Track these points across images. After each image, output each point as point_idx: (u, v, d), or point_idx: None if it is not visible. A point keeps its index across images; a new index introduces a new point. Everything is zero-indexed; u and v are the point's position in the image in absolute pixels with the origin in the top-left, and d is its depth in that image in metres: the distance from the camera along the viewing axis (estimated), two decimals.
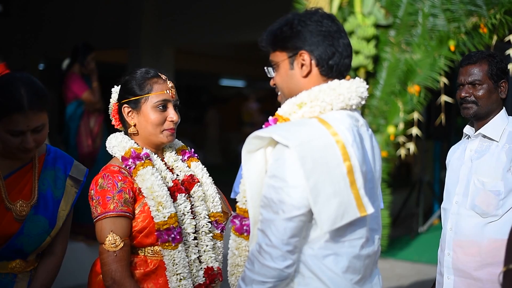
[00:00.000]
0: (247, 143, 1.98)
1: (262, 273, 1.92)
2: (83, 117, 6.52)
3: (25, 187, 2.48)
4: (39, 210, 2.47)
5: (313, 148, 1.88)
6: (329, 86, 2.01)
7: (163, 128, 2.48)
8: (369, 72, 6.58)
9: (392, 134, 6.51)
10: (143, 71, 2.51)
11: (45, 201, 2.49)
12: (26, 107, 2.30)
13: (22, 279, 2.49)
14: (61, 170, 2.57)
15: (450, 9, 6.22)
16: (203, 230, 2.51)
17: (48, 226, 2.49)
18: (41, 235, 2.47)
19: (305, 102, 2.01)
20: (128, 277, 2.34)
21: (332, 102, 1.99)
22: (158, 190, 2.37)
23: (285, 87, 2.09)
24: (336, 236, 1.95)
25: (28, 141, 2.34)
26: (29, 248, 2.47)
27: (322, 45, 2.02)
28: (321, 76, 2.05)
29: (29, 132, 2.33)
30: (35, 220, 2.46)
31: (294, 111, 2.02)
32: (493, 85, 2.90)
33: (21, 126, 2.31)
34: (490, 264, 2.80)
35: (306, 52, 2.03)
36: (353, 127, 1.99)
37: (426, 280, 6.35)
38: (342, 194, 1.89)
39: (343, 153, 1.90)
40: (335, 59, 2.03)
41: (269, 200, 1.91)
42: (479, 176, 2.87)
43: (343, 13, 6.58)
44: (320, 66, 2.04)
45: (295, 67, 2.05)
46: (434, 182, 9.68)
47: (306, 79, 2.05)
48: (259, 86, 18.64)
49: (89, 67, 6.55)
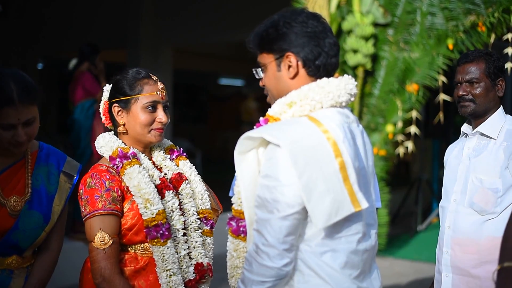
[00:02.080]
0: (239, 144, 2.00)
1: (261, 273, 1.93)
2: (95, 115, 6.57)
3: (19, 183, 2.51)
4: (33, 205, 2.50)
5: (304, 146, 1.90)
6: (318, 85, 2.02)
7: (151, 128, 2.51)
8: (367, 70, 6.59)
9: (390, 133, 6.52)
10: (135, 71, 2.54)
11: (39, 197, 2.52)
12: (16, 100, 2.33)
13: (19, 275, 2.51)
14: (54, 166, 2.60)
15: (448, 7, 6.23)
16: (192, 226, 2.54)
17: (42, 221, 2.52)
18: (36, 230, 2.50)
19: (295, 101, 2.02)
20: (117, 274, 2.37)
21: (322, 100, 2.01)
22: (145, 187, 2.41)
23: (273, 88, 2.11)
24: (333, 233, 1.96)
25: (20, 135, 2.37)
26: (25, 244, 2.49)
27: (308, 46, 2.03)
28: (309, 76, 2.06)
29: (20, 126, 2.37)
30: (29, 215, 2.49)
31: (284, 111, 2.03)
32: (491, 83, 2.91)
33: (12, 120, 2.34)
34: (488, 262, 2.81)
35: (292, 54, 2.04)
36: (344, 124, 2.00)
37: (425, 279, 6.36)
38: (335, 190, 1.90)
39: (334, 149, 1.91)
40: (321, 59, 2.04)
41: (263, 200, 1.92)
42: (477, 174, 2.88)
43: (342, 11, 6.58)
44: (307, 67, 2.05)
45: (282, 69, 2.07)
46: (433, 181, 9.69)
47: (293, 80, 2.06)
48: (258, 85, 18.55)
49: (99, 67, 6.77)
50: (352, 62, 6.48)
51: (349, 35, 6.53)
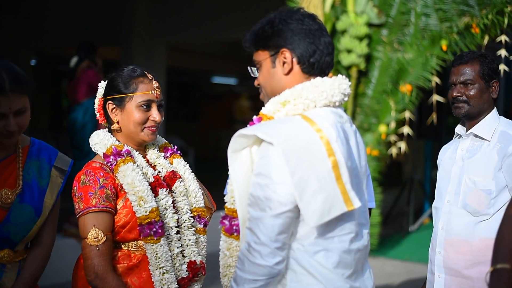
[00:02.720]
0: (232, 142, 2.00)
1: (253, 271, 1.93)
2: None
3: (10, 176, 2.51)
4: (25, 198, 2.51)
5: (297, 145, 1.90)
6: (312, 84, 2.03)
7: (144, 126, 2.51)
8: (361, 71, 6.59)
9: (383, 133, 6.53)
10: (130, 69, 2.54)
11: (30, 190, 2.53)
12: (7, 89, 2.33)
13: (11, 269, 2.51)
14: (46, 161, 2.61)
15: (442, 8, 6.24)
16: (185, 224, 2.55)
17: (34, 215, 2.52)
18: (27, 223, 2.50)
19: (288, 100, 2.02)
20: (110, 271, 2.37)
21: (315, 99, 2.01)
22: (139, 185, 2.41)
23: (267, 85, 2.11)
24: (326, 232, 1.96)
25: (11, 124, 2.37)
26: (17, 237, 2.49)
27: (303, 43, 2.04)
28: (303, 73, 2.06)
29: (12, 115, 2.37)
30: (21, 208, 2.49)
31: (278, 110, 2.03)
32: (485, 85, 2.92)
33: (3, 109, 2.35)
34: (481, 263, 2.81)
35: (287, 50, 2.04)
36: (337, 123, 2.00)
37: (416, 279, 6.37)
38: (327, 189, 1.90)
39: (327, 148, 1.92)
40: (316, 56, 2.05)
41: (256, 198, 1.92)
42: (471, 175, 2.89)
43: (336, 11, 6.59)
44: (302, 64, 2.05)
45: (277, 65, 2.07)
46: (425, 181, 9.72)
47: (287, 76, 2.06)
48: (251, 84, 18.57)
49: (99, 65, 6.86)
50: (346, 62, 6.49)
51: (343, 35, 6.54)
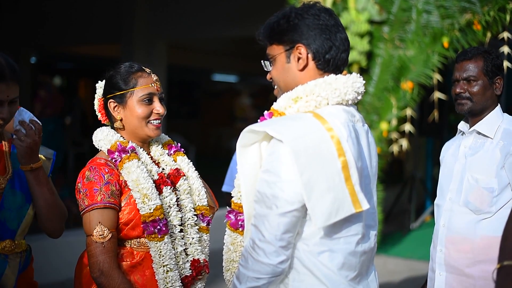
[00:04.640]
0: (242, 137, 1.97)
1: (256, 269, 1.91)
2: None
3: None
4: (15, 184, 2.51)
5: (307, 143, 1.87)
6: (325, 81, 1.99)
7: (148, 120, 2.50)
8: (362, 68, 6.57)
9: (385, 130, 6.52)
10: (127, 66, 2.53)
11: (19, 177, 2.52)
12: (8, 77, 2.34)
13: (13, 260, 2.51)
14: None
15: (444, 5, 6.23)
16: (189, 222, 2.54)
17: (25, 201, 2.52)
18: (21, 209, 2.50)
19: (300, 97, 1.99)
20: (116, 268, 2.36)
21: (328, 96, 1.98)
22: (143, 182, 2.40)
23: (281, 80, 2.08)
24: (332, 233, 1.94)
25: (5, 112, 2.38)
26: (13, 224, 2.49)
27: (319, 38, 2.00)
28: (318, 70, 2.03)
29: (7, 103, 2.37)
30: (13, 194, 2.49)
31: (289, 106, 2.01)
32: (488, 81, 2.89)
33: (2, 96, 2.35)
34: (482, 261, 2.80)
35: (303, 46, 2.01)
36: (349, 123, 1.97)
37: (418, 276, 6.37)
38: (336, 190, 1.87)
39: (338, 148, 1.88)
40: (332, 53, 2.02)
41: (263, 195, 1.90)
42: (473, 173, 2.87)
43: (337, 8, 6.57)
44: (317, 60, 2.02)
45: (291, 61, 2.04)
46: (427, 179, 9.71)
47: (302, 72, 2.03)
48: (251, 82, 18.63)
49: None
50: None
51: None
